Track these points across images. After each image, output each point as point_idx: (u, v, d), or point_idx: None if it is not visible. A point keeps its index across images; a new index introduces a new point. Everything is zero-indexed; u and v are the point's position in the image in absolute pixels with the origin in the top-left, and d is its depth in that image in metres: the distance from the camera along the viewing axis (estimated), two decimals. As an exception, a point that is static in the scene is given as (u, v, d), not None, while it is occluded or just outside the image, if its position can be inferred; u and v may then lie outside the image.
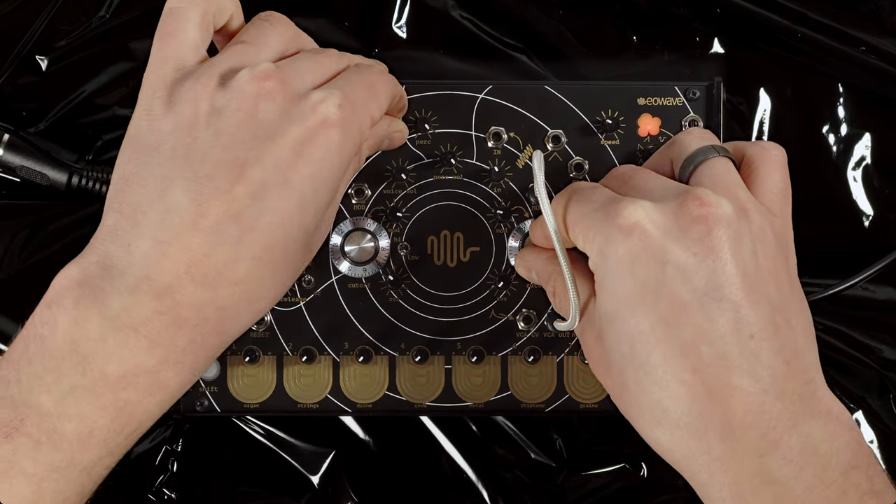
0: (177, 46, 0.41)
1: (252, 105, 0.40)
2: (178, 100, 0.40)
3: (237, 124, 0.40)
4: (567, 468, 0.54)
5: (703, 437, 0.39)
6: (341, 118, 0.41)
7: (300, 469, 0.54)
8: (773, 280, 0.41)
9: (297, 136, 0.40)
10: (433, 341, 0.50)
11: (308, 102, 0.41)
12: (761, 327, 0.39)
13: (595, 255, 0.42)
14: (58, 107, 0.54)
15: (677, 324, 0.39)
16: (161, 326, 0.39)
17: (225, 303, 0.40)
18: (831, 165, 0.55)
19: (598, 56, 0.55)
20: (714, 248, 0.40)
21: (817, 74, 0.55)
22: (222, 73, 0.41)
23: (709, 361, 0.39)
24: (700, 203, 0.40)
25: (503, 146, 0.50)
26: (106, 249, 0.39)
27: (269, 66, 0.41)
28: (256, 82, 0.40)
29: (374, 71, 0.46)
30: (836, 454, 0.39)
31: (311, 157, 0.40)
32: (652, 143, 0.50)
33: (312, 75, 0.43)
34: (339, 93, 0.42)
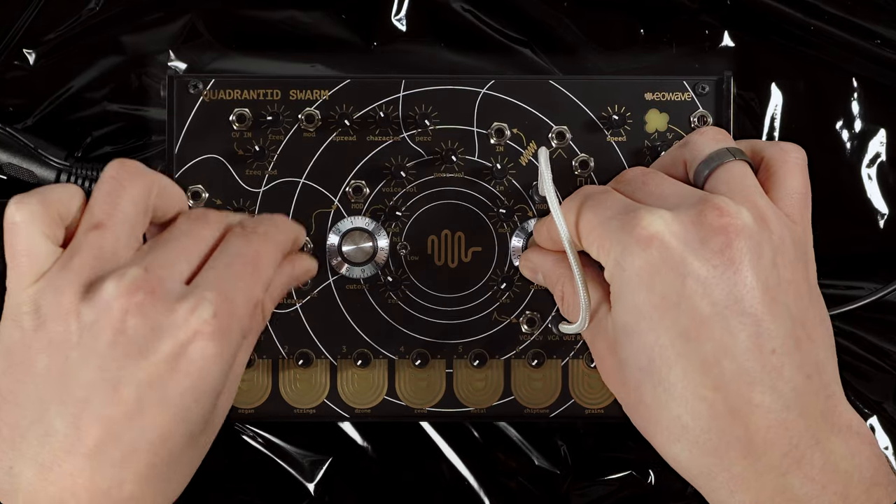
0: (28, 261, 0.40)
1: (120, 322, 0.38)
2: (46, 315, 0.39)
3: (107, 343, 0.38)
4: (572, 475, 0.54)
5: (724, 454, 0.39)
6: (217, 326, 0.39)
7: (296, 476, 0.54)
8: (793, 291, 0.40)
9: (169, 350, 0.39)
10: (434, 344, 0.50)
11: (179, 313, 0.39)
12: (783, 341, 0.39)
13: (612, 266, 0.41)
14: (46, 102, 0.54)
15: (698, 338, 0.39)
16: None
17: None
18: (845, 163, 0.55)
19: (605, 50, 0.54)
20: (734, 260, 0.39)
21: (830, 68, 0.55)
22: (85, 281, 0.39)
23: (730, 377, 0.39)
24: (720, 213, 0.40)
25: (506, 143, 0.50)
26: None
27: (135, 275, 0.39)
28: (124, 297, 0.38)
29: (259, 236, 0.43)
30: (857, 471, 0.39)
31: (187, 370, 0.39)
32: (660, 139, 0.50)
33: (186, 261, 0.41)
34: (216, 296, 0.40)
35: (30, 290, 0.39)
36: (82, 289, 0.39)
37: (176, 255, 0.41)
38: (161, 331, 0.39)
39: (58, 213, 0.41)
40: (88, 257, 0.40)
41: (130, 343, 0.38)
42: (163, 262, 0.40)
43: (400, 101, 0.50)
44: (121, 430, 0.38)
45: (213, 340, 0.39)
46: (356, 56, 0.54)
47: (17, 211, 0.40)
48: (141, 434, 0.39)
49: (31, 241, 0.40)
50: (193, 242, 0.42)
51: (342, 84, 0.49)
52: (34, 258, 0.40)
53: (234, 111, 0.49)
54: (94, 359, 0.38)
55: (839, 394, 0.41)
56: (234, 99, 0.49)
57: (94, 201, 0.41)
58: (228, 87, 0.49)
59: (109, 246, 0.40)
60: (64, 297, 0.39)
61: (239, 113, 0.49)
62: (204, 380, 0.40)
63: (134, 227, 0.41)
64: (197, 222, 0.43)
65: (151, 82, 0.54)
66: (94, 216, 0.41)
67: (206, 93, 0.49)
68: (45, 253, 0.40)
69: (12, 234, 0.40)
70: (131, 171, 0.41)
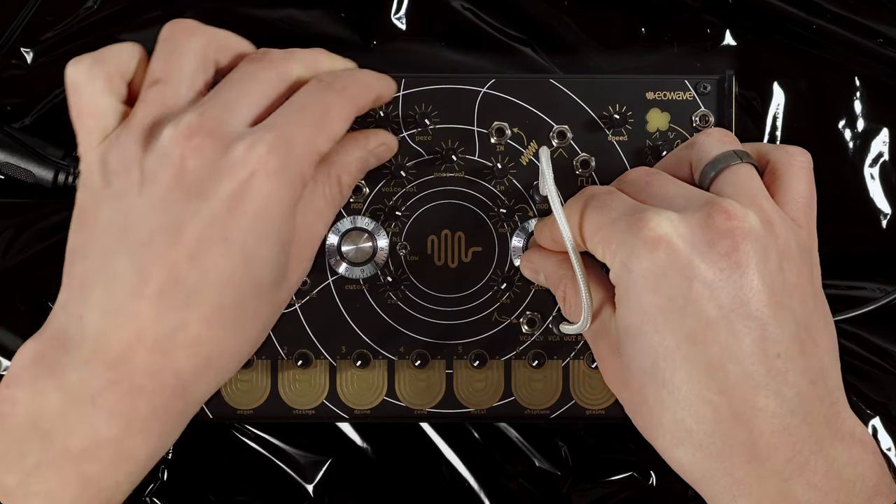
0: (93, 120, 0.41)
1: (179, 165, 0.39)
2: (111, 170, 0.40)
3: (167, 187, 0.39)
4: (573, 477, 0.54)
5: (727, 458, 0.39)
6: (276, 164, 0.40)
7: (295, 477, 0.54)
8: (798, 295, 0.40)
9: (228, 190, 0.39)
10: (433, 345, 0.50)
11: (236, 152, 0.40)
12: (787, 346, 0.39)
13: (617, 268, 0.41)
14: (44, 101, 0.54)
15: (703, 341, 0.39)
16: (117, 396, 0.39)
17: (182, 367, 0.40)
18: (848, 162, 0.55)
19: (606, 48, 0.54)
20: (741, 264, 0.39)
21: (833, 67, 0.55)
22: (145, 132, 0.40)
23: (735, 381, 0.39)
24: (727, 216, 0.40)
25: (506, 142, 0.50)
26: (59, 323, 0.40)
27: (191, 119, 0.40)
28: (181, 141, 0.39)
29: (333, 92, 0.43)
30: (860, 479, 0.39)
31: (248, 211, 0.40)
32: (661, 138, 0.50)
33: (248, 106, 0.41)
34: (273, 136, 0.40)
35: (98, 149, 0.41)
36: (144, 140, 0.40)
37: (234, 97, 0.41)
38: (219, 171, 0.39)
39: (116, 69, 0.42)
40: (150, 110, 0.41)
41: (190, 185, 0.39)
42: (220, 106, 0.41)
43: (399, 100, 0.49)
44: (183, 271, 0.39)
45: (272, 178, 0.40)
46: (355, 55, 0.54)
47: (74, 72, 0.41)
48: (204, 276, 0.39)
49: (92, 99, 0.41)
50: (255, 84, 0.42)
51: (342, 83, 0.49)
52: (98, 116, 0.41)
53: None
54: (156, 204, 0.39)
55: (843, 401, 0.41)
56: (232, 98, 0.49)
57: (153, 60, 0.42)
58: (227, 86, 0.49)
59: (170, 99, 0.41)
60: (128, 149, 0.40)
61: None
62: (265, 219, 0.40)
63: (193, 80, 0.42)
64: (257, 64, 0.43)
65: (150, 81, 0.54)
66: (153, 73, 0.42)
67: (205, 92, 0.49)
68: (109, 110, 0.41)
69: (75, 95, 0.41)
70: (186, 28, 0.42)
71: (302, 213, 0.43)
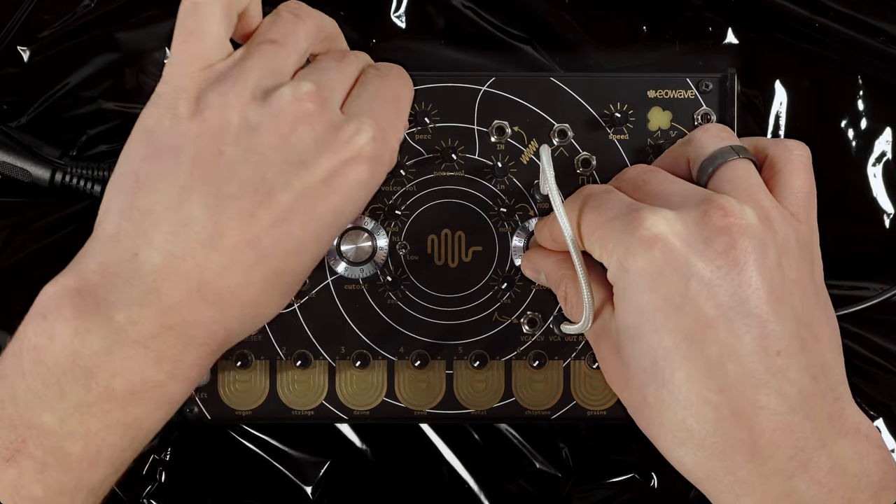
0: (203, 45, 0.41)
1: (289, 128, 0.40)
2: (207, 105, 0.40)
3: (270, 145, 0.39)
4: (574, 478, 0.54)
5: (729, 457, 0.39)
6: (373, 152, 0.42)
7: (294, 479, 0.54)
8: (798, 291, 0.40)
9: (329, 166, 0.40)
10: (433, 345, 0.50)
11: (344, 133, 0.41)
12: (788, 342, 0.39)
13: (614, 268, 0.41)
14: (40, 100, 0.53)
15: (702, 340, 0.39)
16: (170, 342, 0.39)
17: (232, 324, 0.40)
18: (850, 161, 0.55)
19: (607, 47, 0.54)
20: (738, 261, 0.39)
21: (835, 66, 0.54)
22: (256, 83, 0.40)
23: (735, 380, 0.39)
24: (723, 213, 0.40)
25: (507, 141, 0.50)
26: (107, 256, 0.39)
27: (310, 87, 0.41)
28: (297, 104, 0.40)
29: (397, 79, 0.46)
30: (865, 475, 0.39)
31: (339, 189, 0.41)
32: (662, 137, 0.50)
33: (341, 88, 0.43)
34: (373, 124, 0.42)
35: (195, 76, 0.40)
36: (252, 89, 0.40)
37: (334, 81, 0.43)
38: (325, 146, 0.40)
39: (234, 5, 0.42)
40: (261, 64, 0.41)
41: (293, 151, 0.39)
42: (329, 83, 0.42)
43: (399, 98, 0.49)
44: (261, 233, 0.39)
45: (369, 165, 0.41)
46: (355, 53, 0.54)
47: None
48: (279, 242, 0.39)
49: (209, 22, 0.40)
50: (344, 76, 0.44)
51: (341, 81, 0.49)
52: (206, 41, 0.40)
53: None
54: (251, 158, 0.39)
55: (846, 396, 0.41)
56: (231, 96, 0.49)
57: (274, 20, 0.43)
58: (225, 85, 0.49)
59: (279, 61, 0.42)
60: (232, 92, 0.40)
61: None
62: (350, 202, 0.41)
63: (301, 55, 0.43)
64: (343, 58, 0.45)
65: (147, 80, 0.54)
66: (270, 32, 0.42)
67: (203, 90, 0.49)
68: (219, 40, 0.41)
69: (189, 13, 0.41)
70: (308, 10, 0.44)
71: None
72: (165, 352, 0.38)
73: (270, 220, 0.39)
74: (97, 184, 0.51)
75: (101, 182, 0.51)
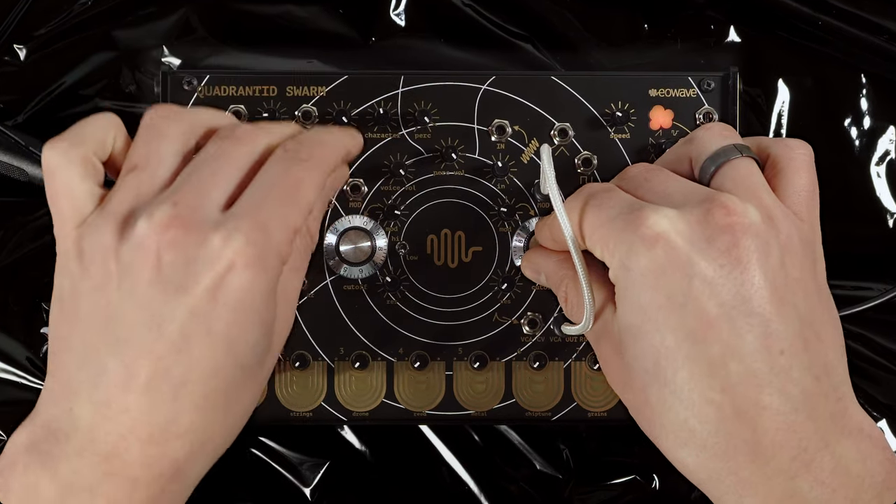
0: (69, 203, 0.41)
1: (155, 259, 0.39)
2: (88, 259, 0.40)
3: (145, 281, 0.39)
4: (574, 480, 0.54)
5: (731, 458, 0.39)
6: (251, 255, 0.39)
7: (293, 481, 0.54)
8: (801, 291, 0.40)
9: (207, 283, 0.39)
10: (433, 346, 0.50)
11: (212, 244, 0.39)
12: (791, 342, 0.39)
13: (616, 267, 0.41)
14: (37, 98, 0.53)
15: (705, 340, 0.39)
16: (114, 487, 0.39)
17: (176, 455, 0.40)
18: (854, 160, 0.55)
19: (608, 45, 0.54)
20: (741, 260, 0.39)
21: (839, 64, 0.54)
22: (121, 220, 0.40)
23: (737, 380, 0.39)
24: (726, 211, 0.40)
25: (507, 140, 0.50)
26: (49, 414, 0.40)
27: (165, 210, 0.39)
28: (156, 234, 0.39)
29: (301, 163, 0.42)
30: (869, 475, 0.39)
31: (228, 301, 0.39)
32: (664, 136, 0.49)
33: (220, 188, 0.41)
34: (246, 225, 0.39)
35: (73, 234, 0.40)
36: (119, 228, 0.40)
37: (207, 182, 0.41)
38: (196, 264, 0.39)
39: (92, 150, 0.41)
40: (126, 197, 0.40)
41: (168, 279, 0.39)
42: (194, 193, 0.40)
43: (399, 97, 0.49)
44: (170, 364, 0.39)
45: (249, 269, 0.39)
46: (354, 51, 0.54)
47: (51, 156, 0.41)
48: (190, 368, 0.39)
49: (69, 184, 0.41)
50: (226, 164, 0.41)
51: (340, 80, 0.49)
52: (74, 201, 0.41)
53: (230, 108, 0.49)
54: (135, 298, 0.39)
55: (849, 396, 0.41)
56: (229, 95, 0.49)
57: (133, 145, 0.42)
58: (223, 84, 0.49)
59: (146, 185, 0.41)
60: (103, 237, 0.40)
61: (234, 109, 0.49)
62: (247, 310, 0.40)
63: (171, 165, 0.42)
64: (226, 141, 0.42)
65: (145, 78, 0.54)
66: (132, 159, 0.42)
67: (201, 89, 0.49)
68: (85, 195, 0.41)
69: (51, 179, 0.41)
70: (166, 115, 0.42)
71: (282, 282, 0.43)
72: (113, 496, 0.39)
73: (171, 350, 0.39)
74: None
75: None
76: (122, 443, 0.39)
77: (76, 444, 0.39)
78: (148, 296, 0.39)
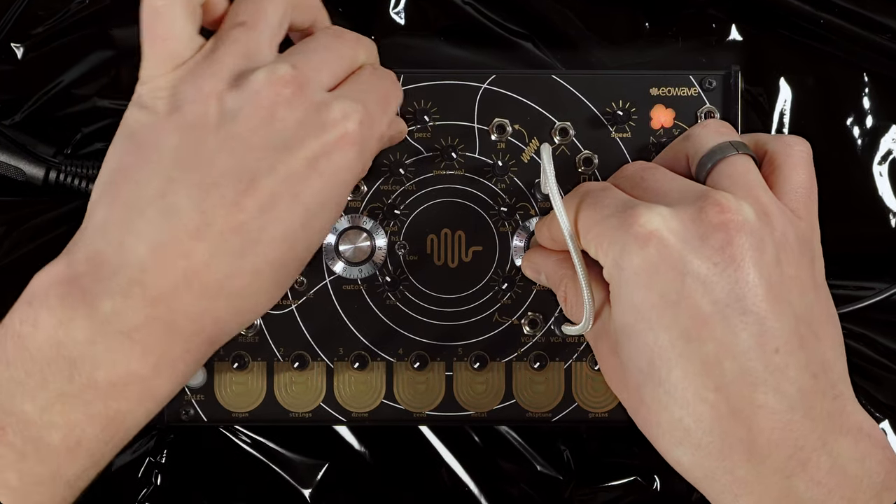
0: (171, 46, 0.40)
1: (268, 112, 0.39)
2: (184, 99, 0.39)
3: (250, 130, 0.39)
4: (575, 481, 0.54)
5: (727, 457, 0.39)
6: (360, 135, 0.41)
7: (292, 482, 0.54)
8: (797, 288, 0.40)
9: (313, 149, 0.39)
10: (433, 346, 0.50)
11: (329, 115, 0.40)
12: (786, 340, 0.39)
13: (609, 265, 0.41)
14: (34, 97, 0.53)
15: (699, 338, 0.39)
16: (155, 334, 0.38)
17: (221, 314, 0.40)
18: (856, 159, 0.55)
19: (609, 43, 0.54)
20: (735, 258, 0.39)
21: (841, 63, 0.54)
22: (231, 70, 0.40)
23: (732, 378, 0.39)
24: (720, 209, 0.40)
25: (507, 139, 0.49)
26: (95, 246, 0.38)
27: (287, 69, 0.40)
28: (274, 87, 0.39)
29: (389, 79, 0.45)
30: (867, 475, 0.39)
31: (325, 172, 0.40)
32: (665, 135, 0.49)
33: (329, 72, 0.42)
34: (361, 108, 0.41)
35: (169, 76, 0.40)
36: (227, 77, 0.40)
37: (320, 62, 0.42)
38: (309, 128, 0.39)
39: None
40: (233, 50, 0.40)
41: (275, 135, 0.39)
42: (310, 65, 0.41)
43: (398, 96, 0.49)
44: (248, 220, 0.38)
45: (354, 148, 0.40)
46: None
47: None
48: (266, 229, 0.39)
49: (173, 24, 0.40)
50: (335, 57, 0.43)
51: (339, 79, 0.49)
52: (175, 43, 0.40)
53: None
54: (233, 145, 0.39)
55: (848, 394, 0.40)
56: (227, 94, 0.49)
57: (239, 3, 0.42)
58: (222, 82, 0.49)
59: (253, 44, 0.41)
60: (207, 83, 0.39)
61: None
62: (336, 185, 0.40)
63: (275, 33, 0.42)
64: (338, 39, 0.44)
65: (143, 77, 0.53)
66: (238, 14, 0.42)
67: (199, 88, 0.49)
68: (187, 38, 0.41)
69: (153, 17, 0.40)
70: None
71: None
72: (150, 344, 0.38)
73: (256, 206, 0.38)
74: (91, 182, 0.51)
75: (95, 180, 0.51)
76: (173, 289, 0.38)
77: (122, 281, 0.38)
78: (247, 144, 0.39)
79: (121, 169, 0.39)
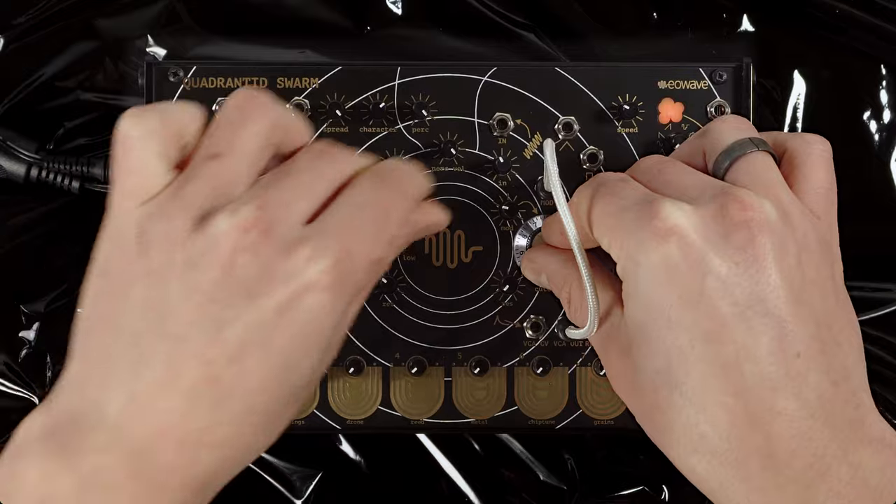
0: (139, 180, 0.40)
1: (229, 260, 0.38)
2: (150, 242, 0.39)
3: (213, 281, 0.38)
4: (580, 491, 0.54)
5: (744, 465, 0.39)
6: (334, 277, 0.39)
7: (284, 492, 0.54)
8: (818, 291, 0.40)
9: (280, 298, 0.38)
10: (431, 351, 0.50)
11: (295, 260, 0.38)
12: (808, 345, 0.39)
13: (625, 260, 0.41)
14: (15, 91, 0.53)
15: (718, 340, 0.39)
16: (138, 489, 0.38)
17: (206, 466, 0.39)
18: (872, 156, 0.55)
19: (615, 34, 0.54)
20: (757, 258, 0.39)
21: (857, 55, 0.54)
22: (196, 209, 0.39)
23: (752, 383, 0.38)
24: (742, 206, 0.39)
25: (509, 134, 0.49)
26: (72, 399, 0.39)
27: (249, 212, 0.38)
28: (235, 233, 0.38)
29: (391, 186, 0.42)
30: (889, 486, 0.38)
31: (297, 320, 0.39)
32: (674, 130, 0.49)
33: (306, 200, 0.40)
34: (336, 247, 0.39)
35: (136, 212, 0.39)
36: (194, 219, 0.39)
37: (295, 193, 0.40)
38: (273, 275, 0.38)
39: (177, 132, 0.40)
40: (204, 186, 0.39)
41: (238, 283, 0.38)
42: (280, 201, 0.39)
43: (395, 89, 0.49)
44: (220, 372, 0.38)
45: (329, 293, 0.39)
46: (348, 41, 0.54)
47: (133, 125, 0.39)
48: (240, 379, 0.38)
49: (144, 159, 0.39)
50: (316, 180, 0.41)
51: (333, 71, 0.49)
52: (145, 178, 0.39)
53: (218, 100, 0.49)
54: (196, 295, 0.38)
55: (868, 403, 0.40)
56: (217, 87, 0.49)
57: (215, 129, 0.41)
58: (211, 75, 0.49)
59: (226, 177, 0.40)
60: (173, 224, 0.38)
61: (223, 102, 0.48)
62: (313, 333, 0.39)
63: (253, 162, 0.40)
64: (321, 159, 0.41)
65: (128, 69, 0.54)
66: (213, 145, 0.40)
67: (188, 81, 0.49)
68: (158, 174, 0.40)
69: (125, 149, 0.40)
70: (257, 104, 0.41)
71: None
72: (135, 498, 0.38)
73: (224, 358, 0.38)
74: (75, 180, 0.51)
75: (79, 178, 0.51)
76: (152, 444, 0.38)
77: (102, 437, 0.38)
78: (211, 296, 0.38)
79: (93, 317, 0.39)
